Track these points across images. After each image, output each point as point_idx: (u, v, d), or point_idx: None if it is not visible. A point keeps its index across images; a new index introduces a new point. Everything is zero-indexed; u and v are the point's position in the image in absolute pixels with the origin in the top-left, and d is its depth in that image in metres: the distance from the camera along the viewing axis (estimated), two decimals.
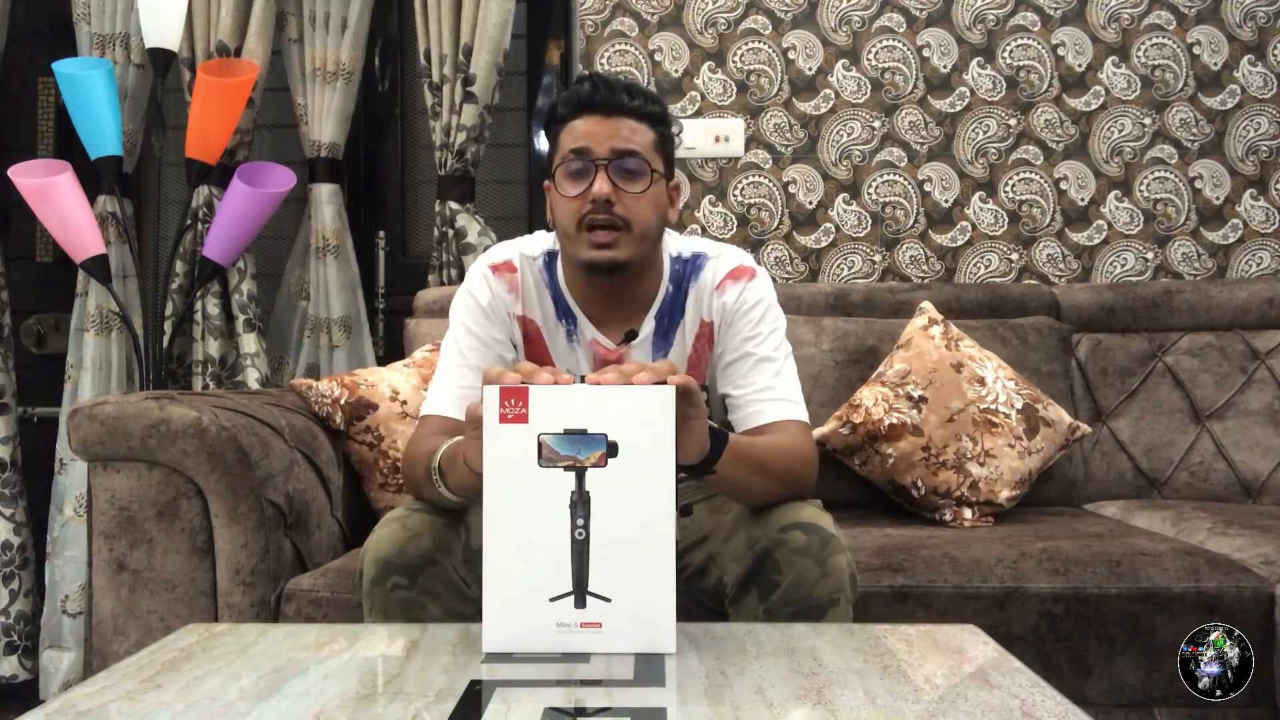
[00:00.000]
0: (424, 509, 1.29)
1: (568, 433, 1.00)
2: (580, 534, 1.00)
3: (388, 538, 1.26)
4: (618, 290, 1.41)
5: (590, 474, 1.00)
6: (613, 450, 1.00)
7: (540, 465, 1.00)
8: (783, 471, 1.31)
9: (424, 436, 1.35)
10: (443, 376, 1.41)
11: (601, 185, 1.33)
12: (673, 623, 1.01)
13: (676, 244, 1.47)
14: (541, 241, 1.48)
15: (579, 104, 1.36)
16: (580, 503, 1.00)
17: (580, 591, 1.01)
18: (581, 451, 1.00)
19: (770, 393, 1.38)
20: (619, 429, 1.00)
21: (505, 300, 1.43)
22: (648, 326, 1.43)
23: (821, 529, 1.26)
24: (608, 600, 1.01)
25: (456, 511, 1.30)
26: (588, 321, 1.43)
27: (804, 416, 1.39)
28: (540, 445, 1.00)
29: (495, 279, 1.43)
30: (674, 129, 1.43)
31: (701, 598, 1.41)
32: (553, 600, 1.01)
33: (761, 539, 1.27)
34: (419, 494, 1.32)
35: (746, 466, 1.26)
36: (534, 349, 1.44)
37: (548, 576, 1.01)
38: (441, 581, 1.24)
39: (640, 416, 1.00)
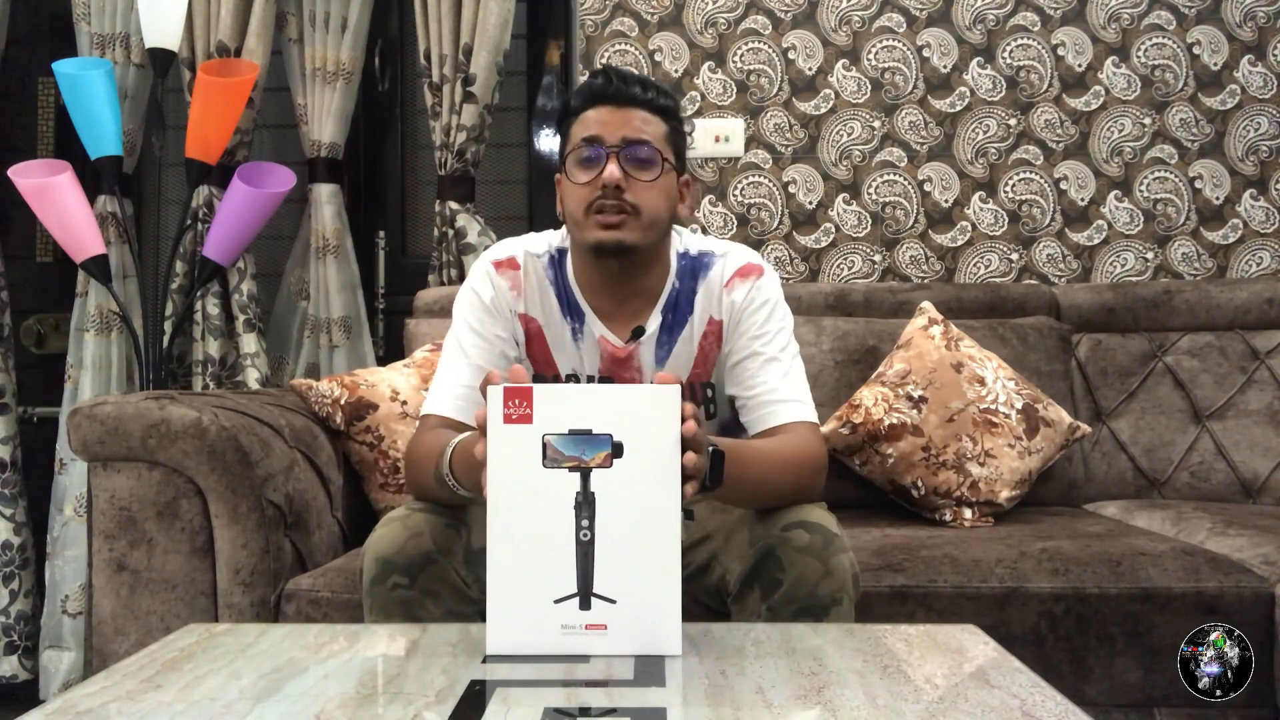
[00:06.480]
0: (425, 509, 1.29)
1: (572, 433, 0.99)
2: (585, 535, 0.99)
3: (388, 537, 1.26)
4: (625, 281, 1.41)
5: (595, 474, 0.99)
6: (618, 450, 0.99)
7: (545, 466, 0.99)
8: (789, 486, 1.30)
9: (425, 434, 1.34)
10: (444, 375, 1.41)
11: (612, 170, 1.33)
12: (678, 624, 1.00)
13: (684, 241, 1.47)
14: (548, 239, 1.48)
15: (591, 96, 1.38)
16: (585, 503, 0.99)
17: (585, 593, 1.00)
18: (586, 452, 0.99)
19: (779, 394, 1.38)
20: (624, 429, 0.99)
21: (507, 298, 1.43)
22: (654, 322, 1.43)
23: (825, 528, 1.25)
24: (613, 602, 1.00)
25: (457, 511, 1.30)
26: (595, 317, 1.43)
27: (813, 417, 1.39)
28: (545, 445, 0.99)
29: (498, 275, 1.43)
30: (686, 126, 1.44)
31: (702, 596, 1.41)
32: (557, 602, 1.00)
33: (765, 537, 1.27)
34: (422, 494, 1.32)
35: (748, 484, 1.24)
36: (535, 347, 1.44)
37: (552, 578, 1.00)
38: (442, 581, 1.24)
39: (645, 416, 0.99)
